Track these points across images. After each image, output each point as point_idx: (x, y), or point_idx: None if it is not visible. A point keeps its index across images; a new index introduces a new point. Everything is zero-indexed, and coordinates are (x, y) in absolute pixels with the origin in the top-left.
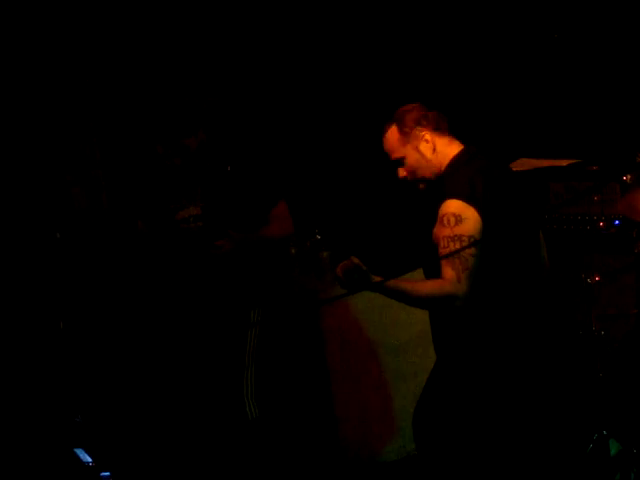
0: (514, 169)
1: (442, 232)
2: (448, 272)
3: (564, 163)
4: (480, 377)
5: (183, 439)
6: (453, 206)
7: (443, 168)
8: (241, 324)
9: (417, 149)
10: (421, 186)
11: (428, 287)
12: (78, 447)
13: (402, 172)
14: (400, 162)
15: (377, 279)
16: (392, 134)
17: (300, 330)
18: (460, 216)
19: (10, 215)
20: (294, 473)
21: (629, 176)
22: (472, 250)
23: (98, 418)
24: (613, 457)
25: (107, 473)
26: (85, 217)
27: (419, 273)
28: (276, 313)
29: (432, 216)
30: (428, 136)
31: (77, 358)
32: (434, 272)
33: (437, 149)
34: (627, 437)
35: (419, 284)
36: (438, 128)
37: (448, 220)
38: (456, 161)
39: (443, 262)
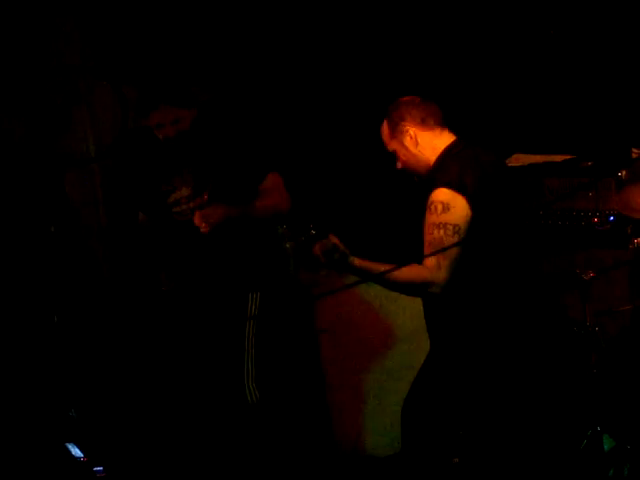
0: (509, 165)
1: (429, 219)
2: (429, 259)
3: (559, 159)
4: (472, 370)
5: (182, 428)
6: (441, 194)
7: (432, 161)
8: (239, 311)
9: (403, 144)
10: (416, 178)
11: (407, 272)
12: (70, 442)
13: (398, 164)
14: (394, 155)
15: (356, 261)
16: (384, 128)
17: (295, 325)
18: (448, 204)
19: (4, 208)
20: (289, 468)
21: (624, 172)
22: (455, 239)
23: (92, 411)
24: (607, 453)
25: (100, 468)
26: (79, 210)
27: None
28: (272, 307)
29: (424, 208)
30: (411, 131)
31: (71, 352)
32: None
33: (420, 144)
34: (621, 433)
35: (399, 269)
36: (423, 123)
37: (435, 207)
38: (447, 152)
39: (425, 249)
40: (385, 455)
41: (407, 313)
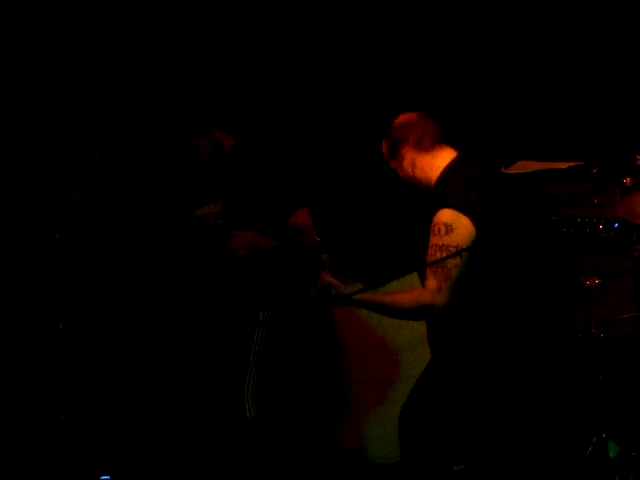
0: (513, 172)
1: (432, 241)
2: (430, 282)
3: (563, 166)
4: (474, 378)
5: (182, 436)
6: (444, 215)
7: (434, 180)
8: (249, 322)
9: (402, 165)
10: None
11: (407, 298)
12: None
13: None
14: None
15: (355, 295)
16: (384, 148)
17: (301, 332)
18: (451, 226)
19: (9, 216)
20: (295, 474)
21: (629, 179)
22: (457, 261)
23: (97, 419)
24: (612, 460)
25: (107, 477)
26: (84, 218)
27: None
28: (281, 315)
29: (428, 223)
30: (408, 155)
31: (77, 359)
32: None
33: (418, 166)
34: (626, 440)
35: (398, 295)
36: (420, 144)
37: (439, 229)
38: (449, 170)
39: (427, 271)
40: (390, 463)
41: (412, 322)
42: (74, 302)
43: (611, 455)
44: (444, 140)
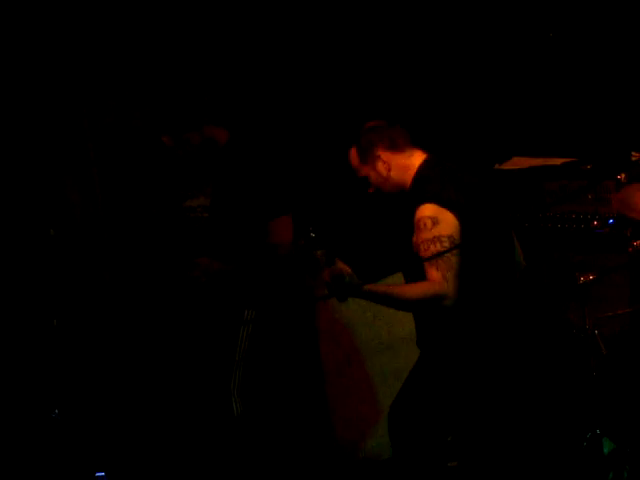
0: (507, 168)
1: (421, 236)
2: (433, 274)
3: (558, 162)
4: (468, 374)
5: (174, 435)
6: (427, 210)
7: (409, 181)
8: (234, 321)
9: (375, 169)
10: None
11: (417, 290)
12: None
13: (370, 188)
14: (366, 179)
15: (365, 286)
16: (353, 155)
17: (294, 329)
18: (436, 218)
19: (4, 212)
20: (289, 472)
21: (623, 175)
22: (453, 250)
23: (90, 416)
24: (606, 456)
25: (102, 473)
26: (79, 213)
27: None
28: (270, 312)
29: (409, 225)
30: (383, 156)
31: (71, 356)
32: (416, 276)
33: (393, 167)
34: (620, 436)
35: (407, 287)
36: (393, 146)
37: (425, 224)
38: (422, 169)
39: (427, 265)
40: (384, 458)
41: (406, 317)
42: (69, 298)
43: (605, 451)
44: (413, 143)
